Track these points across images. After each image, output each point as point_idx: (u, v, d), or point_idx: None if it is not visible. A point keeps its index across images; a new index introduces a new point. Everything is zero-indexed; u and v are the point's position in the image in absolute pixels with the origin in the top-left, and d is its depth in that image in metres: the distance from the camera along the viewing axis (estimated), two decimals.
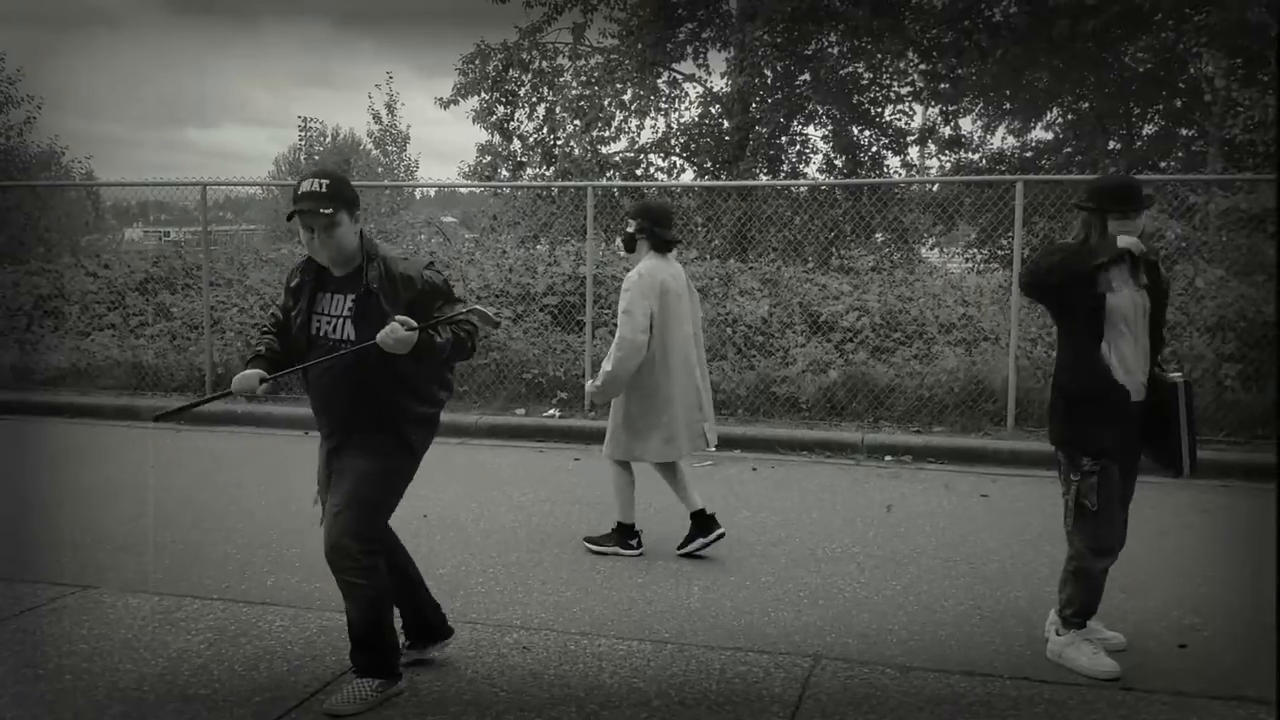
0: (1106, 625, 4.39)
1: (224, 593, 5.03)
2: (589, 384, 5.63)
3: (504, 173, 18.75)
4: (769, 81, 18.31)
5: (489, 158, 19.17)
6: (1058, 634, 4.25)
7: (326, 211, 3.59)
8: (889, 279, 10.91)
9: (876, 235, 14.17)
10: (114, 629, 4.54)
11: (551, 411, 9.51)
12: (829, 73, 18.05)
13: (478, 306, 3.77)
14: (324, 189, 3.61)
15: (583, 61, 18.57)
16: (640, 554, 5.66)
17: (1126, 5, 15.04)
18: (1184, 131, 19.02)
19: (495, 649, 4.35)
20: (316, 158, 34.29)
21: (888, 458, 8.31)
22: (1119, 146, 19.31)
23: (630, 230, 5.53)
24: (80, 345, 11.11)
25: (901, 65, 18.47)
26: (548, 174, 18.39)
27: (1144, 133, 19.81)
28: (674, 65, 18.73)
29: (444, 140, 66.63)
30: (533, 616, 4.73)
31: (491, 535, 6.07)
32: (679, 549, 5.66)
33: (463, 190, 23.61)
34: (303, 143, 34.62)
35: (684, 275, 5.66)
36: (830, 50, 18.24)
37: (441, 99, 18.44)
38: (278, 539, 5.95)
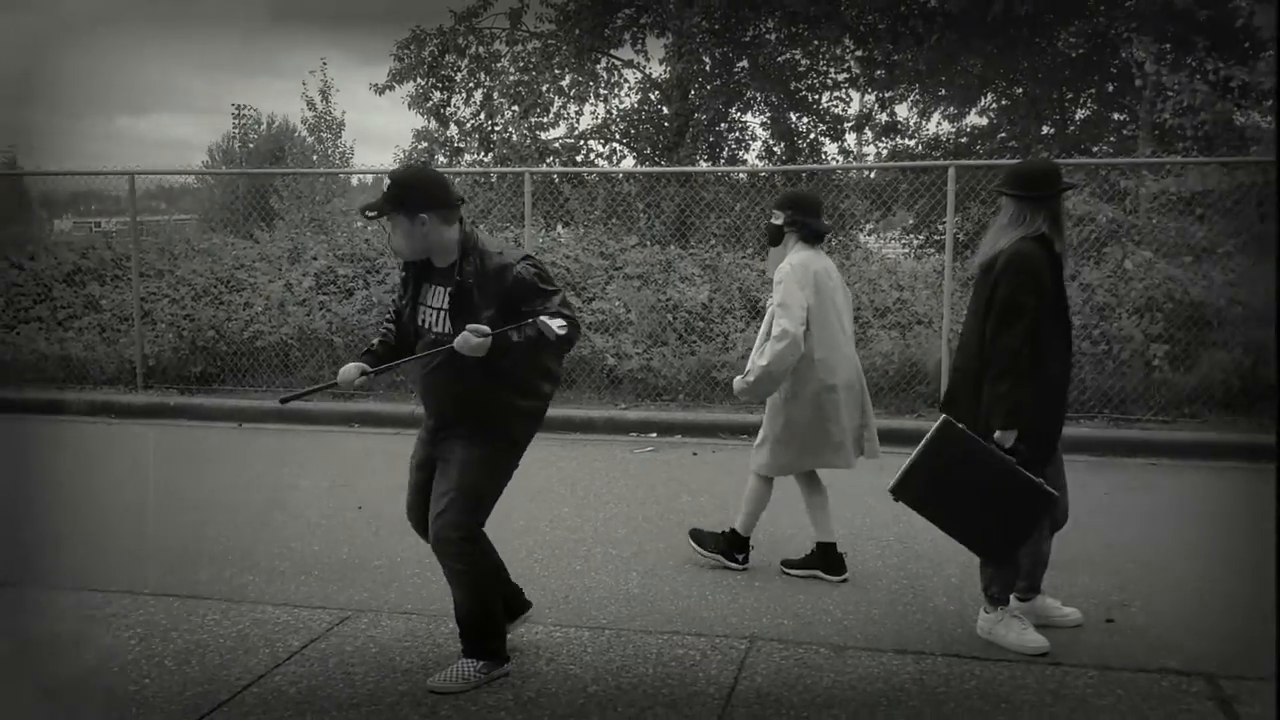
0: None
1: (155, 587, 4.95)
2: (737, 380, 4.98)
3: (441, 159, 18.57)
4: (707, 68, 18.34)
5: (425, 144, 18.99)
6: (985, 612, 4.30)
7: (371, 215, 3.74)
8: None
9: None
10: (40, 627, 4.44)
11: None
12: (766, 59, 18.11)
13: (544, 319, 3.61)
14: (397, 190, 3.70)
15: (520, 47, 18.46)
16: (745, 569, 5.18)
17: None
18: (1115, 116, 19.37)
19: (431, 639, 4.32)
20: (251, 146, 33.72)
21: None
22: (1052, 131, 19.59)
23: (778, 222, 5.02)
24: (5, 339, 10.83)
25: (838, 52, 18.59)
26: (486, 160, 18.27)
27: (1077, 117, 20.14)
28: (612, 51, 18.68)
29: (380, 127, 65.83)
30: None
31: None
32: (788, 566, 5.20)
33: None
34: (236, 130, 34.02)
35: (835, 268, 5.14)
36: (768, 37, 18.30)
37: (377, 85, 18.25)
38: (211, 532, 5.86)
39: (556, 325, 3.60)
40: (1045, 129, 19.68)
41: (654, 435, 8.63)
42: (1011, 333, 3.97)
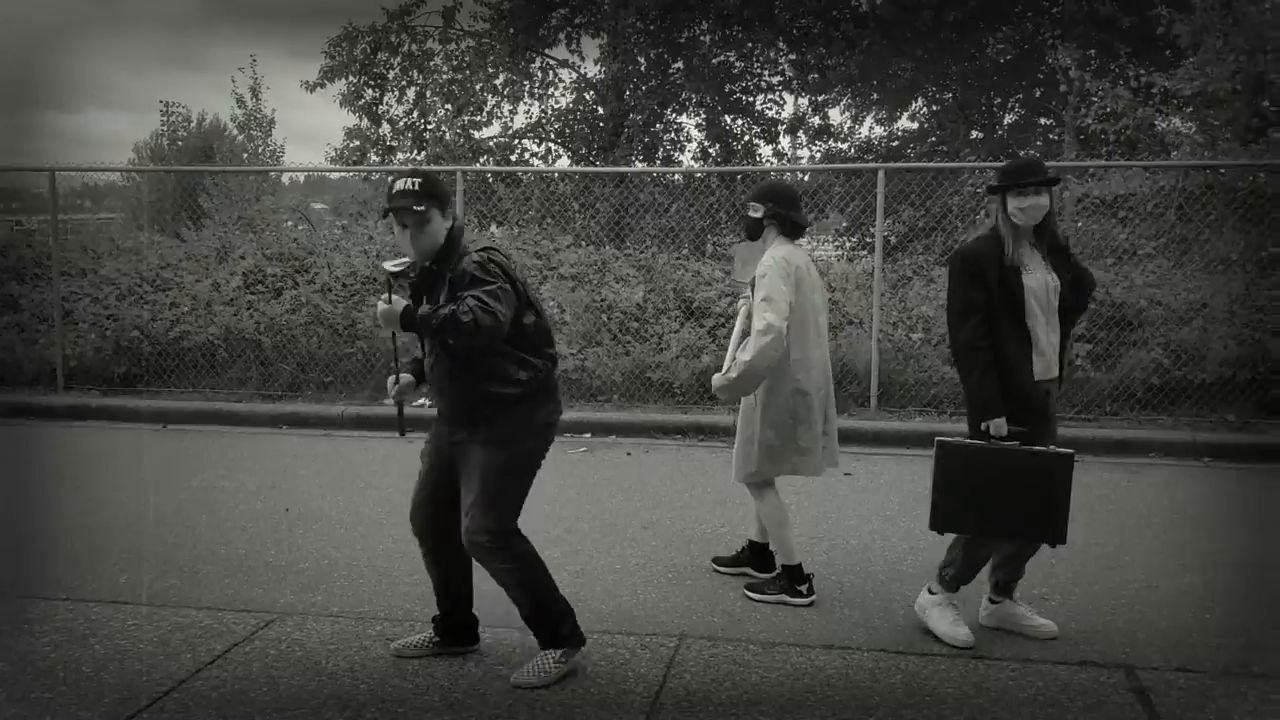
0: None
1: (73, 592, 4.82)
2: (717, 377, 4.70)
3: (373, 157, 18.40)
4: (643, 69, 18.38)
5: (357, 142, 18.79)
6: (930, 591, 4.34)
7: (419, 209, 3.73)
8: None
9: None
10: None
11: (422, 401, 9.37)
12: (701, 61, 18.20)
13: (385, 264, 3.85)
14: (417, 187, 3.77)
15: (453, 45, 18.34)
16: (811, 603, 4.73)
17: None
18: (1042, 121, 19.77)
19: (358, 641, 4.27)
20: (180, 143, 33.06)
21: None
22: (981, 135, 19.94)
23: (757, 215, 4.79)
24: None
25: (771, 55, 18.73)
26: (419, 159, 18.12)
27: (1005, 122, 20.52)
28: (547, 50, 18.64)
29: (311, 124, 64.87)
30: (398, 608, 4.66)
31: (356, 528, 5.96)
32: (719, 564, 5.16)
33: (334, 176, 23.11)
34: (165, 128, 33.39)
35: (814, 265, 4.95)
36: (702, 39, 18.39)
37: (308, 82, 18.02)
38: (133, 535, 5.73)
39: (461, 307, 3.59)
40: (975, 133, 20.03)
41: (588, 436, 8.61)
42: (965, 329, 4.09)
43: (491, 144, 18.75)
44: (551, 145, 19.44)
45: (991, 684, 3.87)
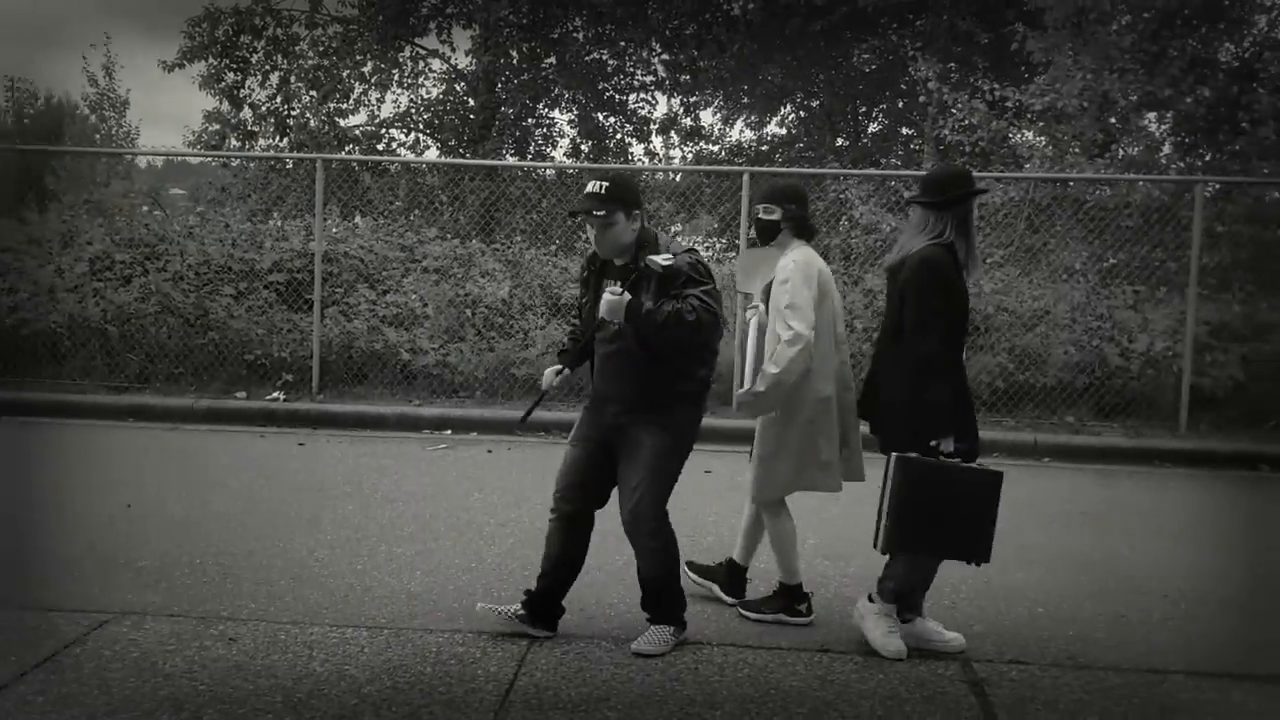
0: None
1: None
2: (741, 393, 4.41)
3: (234, 142, 17.83)
4: (515, 62, 18.26)
5: (217, 126, 18.17)
6: (870, 600, 4.24)
7: (599, 214, 3.98)
8: None
9: None
10: None
11: (276, 394, 9.13)
12: (574, 57, 18.17)
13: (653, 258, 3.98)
14: (603, 190, 4.00)
15: (320, 31, 17.90)
16: (810, 622, 4.53)
17: (853, 7, 15.92)
18: (904, 131, 20.36)
19: (198, 641, 4.12)
20: (26, 121, 31.45)
21: None
22: (847, 143, 20.44)
23: (773, 217, 4.53)
24: None
25: (644, 54, 18.83)
26: (281, 145, 17.64)
27: (869, 130, 21.07)
28: (416, 40, 18.35)
29: (168, 106, 62.17)
30: (241, 607, 4.52)
31: (202, 524, 5.75)
32: (692, 569, 4.85)
33: (193, 161, 22.30)
34: (10, 105, 31.71)
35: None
36: (575, 35, 18.36)
37: (165, 62, 17.35)
38: None
39: (659, 263, 3.92)
40: (840, 141, 20.52)
41: (449, 433, 8.52)
42: (932, 339, 4.01)
43: (358, 132, 18.38)
44: (420, 136, 19.16)
45: (835, 677, 3.96)
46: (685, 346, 4.02)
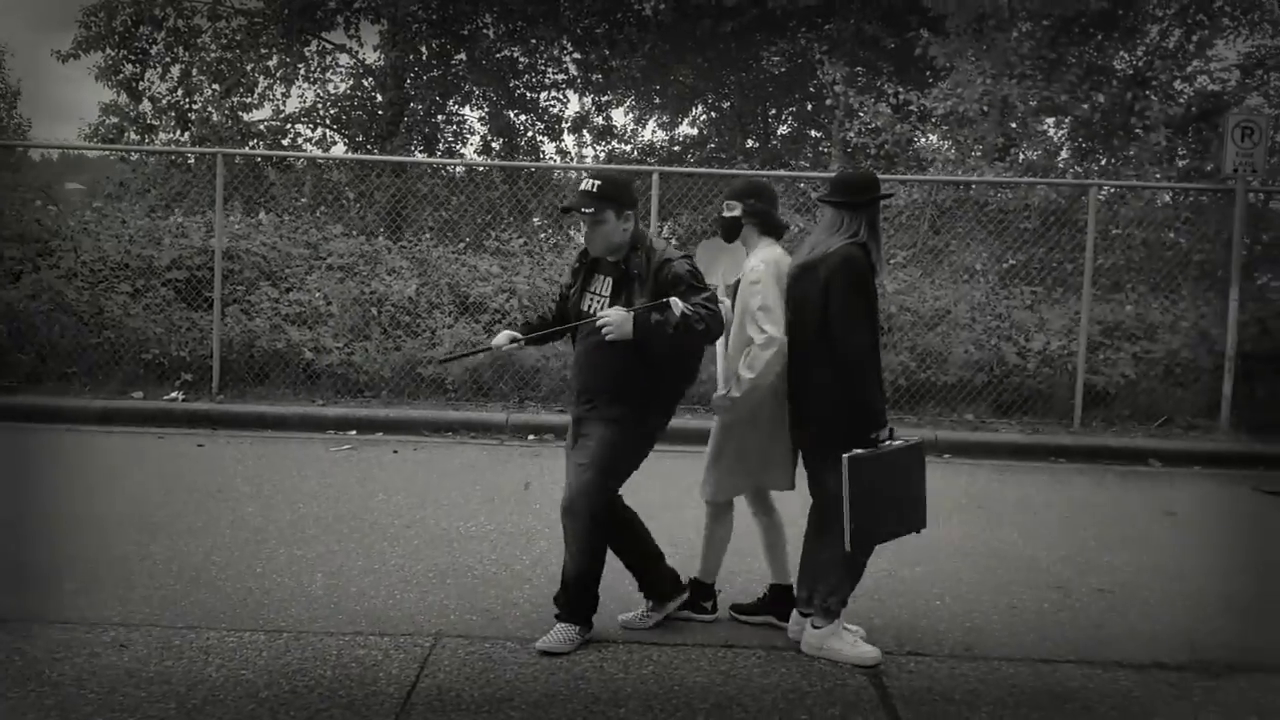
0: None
1: None
2: (719, 395, 4.35)
3: (132, 135, 17.32)
4: (424, 58, 18.05)
5: (115, 119, 17.63)
6: (815, 627, 4.18)
7: (588, 211, 4.05)
8: (539, 262, 11.04)
9: (534, 219, 14.33)
10: None
11: (174, 395, 8.89)
12: (484, 54, 18.04)
13: (675, 300, 3.96)
14: (594, 189, 4.07)
15: (223, 23, 17.49)
16: (714, 619, 4.56)
17: (763, 10, 16.07)
18: (813, 133, 20.64)
19: (87, 649, 4.00)
20: None
21: (531, 436, 8.45)
22: (756, 145, 20.65)
23: (734, 214, 4.43)
24: None
25: (555, 53, 18.77)
26: (183, 140, 17.19)
27: (779, 132, 21.30)
28: (323, 34, 18.04)
29: (62, 98, 60.00)
30: (134, 612, 4.39)
31: (95, 527, 5.57)
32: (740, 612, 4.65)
33: (91, 155, 21.62)
34: None
35: None
36: (486, 32, 18.24)
37: (59, 52, 16.79)
38: None
39: (686, 308, 3.93)
40: (750, 142, 20.71)
41: (353, 434, 8.39)
42: (860, 335, 4.07)
43: (262, 127, 18.00)
44: (327, 131, 18.84)
45: (739, 672, 4.00)
46: (684, 353, 4.15)
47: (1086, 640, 4.45)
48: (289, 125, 18.41)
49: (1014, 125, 12.88)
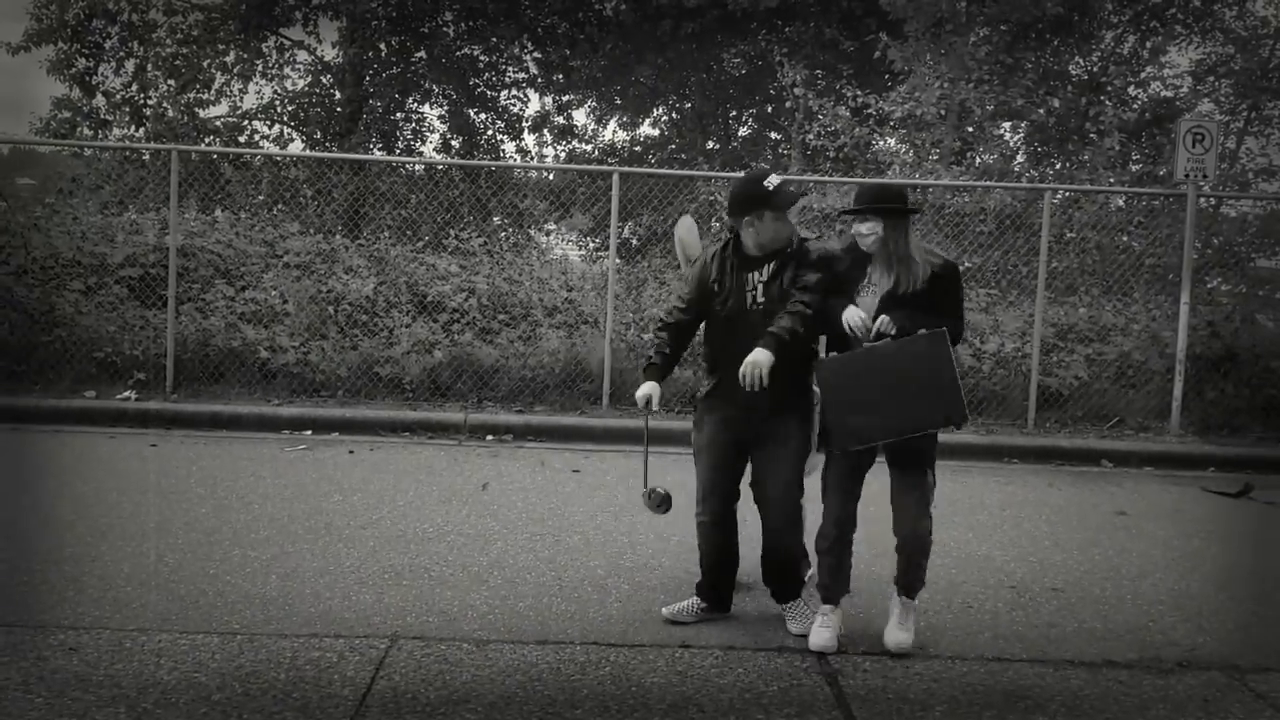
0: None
1: None
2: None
3: (86, 130, 17.05)
4: (383, 55, 17.94)
5: (68, 113, 17.35)
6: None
7: (779, 210, 4.32)
8: (498, 262, 11.01)
9: (494, 218, 14.29)
10: None
11: (127, 394, 8.77)
12: (444, 52, 17.96)
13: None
14: (790, 190, 4.38)
15: (180, 18, 17.27)
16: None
17: (724, 11, 16.12)
18: (773, 135, 20.72)
19: (35, 652, 3.93)
20: None
21: (489, 437, 8.41)
22: (717, 146, 20.70)
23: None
24: None
25: (516, 51, 18.72)
26: (137, 135, 16.96)
27: (739, 134, 21.36)
28: (281, 30, 17.87)
29: (12, 91, 58.95)
30: (84, 615, 4.32)
31: (42, 529, 5.48)
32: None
33: (42, 150, 21.30)
34: None
35: None
36: (446, 30, 18.15)
37: (10, 45, 16.50)
38: None
39: (798, 307, 4.23)
40: (711, 143, 20.75)
41: (309, 433, 8.31)
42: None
43: (219, 124, 17.80)
44: (284, 128, 18.66)
45: (695, 672, 4.00)
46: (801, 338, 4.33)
47: (1039, 639, 4.51)
48: (246, 122, 18.22)
49: (971, 129, 13.02)
